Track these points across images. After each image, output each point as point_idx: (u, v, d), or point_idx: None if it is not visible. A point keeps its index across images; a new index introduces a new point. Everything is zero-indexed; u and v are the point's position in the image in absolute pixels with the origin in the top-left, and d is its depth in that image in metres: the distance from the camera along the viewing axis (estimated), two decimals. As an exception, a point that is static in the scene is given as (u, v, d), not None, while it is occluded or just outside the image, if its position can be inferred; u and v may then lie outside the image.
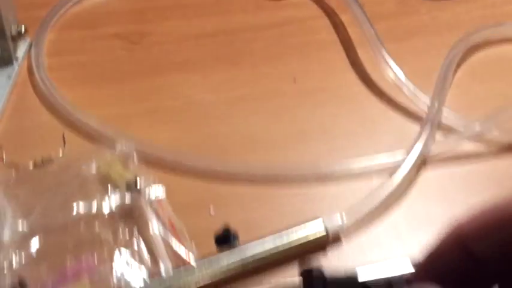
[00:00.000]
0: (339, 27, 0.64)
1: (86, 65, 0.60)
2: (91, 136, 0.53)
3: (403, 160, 0.51)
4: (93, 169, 0.48)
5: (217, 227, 0.45)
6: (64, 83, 0.58)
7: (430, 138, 0.52)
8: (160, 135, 0.54)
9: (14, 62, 0.58)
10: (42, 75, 0.58)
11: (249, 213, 0.48)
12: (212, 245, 0.44)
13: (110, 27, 0.63)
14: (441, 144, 0.53)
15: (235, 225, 0.45)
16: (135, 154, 0.49)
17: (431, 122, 0.53)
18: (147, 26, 0.64)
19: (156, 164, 0.51)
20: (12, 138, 0.54)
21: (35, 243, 0.44)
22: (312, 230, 0.44)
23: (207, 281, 0.42)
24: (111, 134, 0.52)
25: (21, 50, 0.60)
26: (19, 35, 0.59)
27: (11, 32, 0.58)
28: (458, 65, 0.59)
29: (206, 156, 0.52)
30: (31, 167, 0.50)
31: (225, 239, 0.44)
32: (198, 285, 0.41)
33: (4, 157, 0.52)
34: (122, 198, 0.46)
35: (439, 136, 0.54)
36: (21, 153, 0.52)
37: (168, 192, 0.48)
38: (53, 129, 0.54)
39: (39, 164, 0.50)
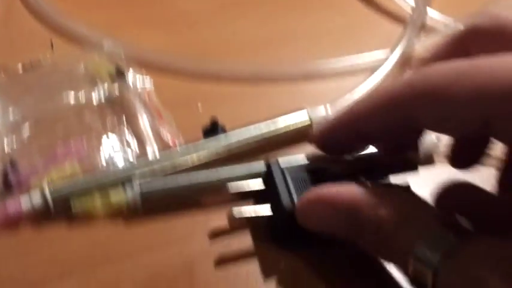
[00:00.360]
0: None
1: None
2: (79, 42, 0.54)
3: (387, 58, 0.52)
4: (82, 69, 0.48)
5: (204, 122, 0.46)
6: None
7: (413, 36, 0.53)
8: (148, 41, 0.55)
9: (-2, -31, 0.58)
10: (26, -18, 0.58)
11: (236, 110, 0.49)
12: (200, 139, 0.45)
13: None
14: (424, 42, 0.54)
15: (222, 121, 0.46)
16: (122, 54, 0.50)
17: (415, 22, 0.54)
18: None
19: (144, 65, 0.51)
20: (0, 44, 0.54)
21: (25, 130, 0.45)
22: (297, 119, 0.45)
23: (192, 164, 0.43)
24: (99, 39, 0.53)
25: (5, -43, 0.59)
26: None
27: None
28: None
29: (194, 58, 0.52)
30: (20, 70, 0.50)
31: (213, 131, 0.45)
32: (183, 167, 0.43)
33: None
34: (110, 89, 0.47)
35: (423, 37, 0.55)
36: (9, 58, 0.52)
37: (156, 92, 0.49)
38: (41, 36, 0.55)
39: (28, 67, 0.50)
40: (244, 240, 0.39)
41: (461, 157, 0.38)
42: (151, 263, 0.37)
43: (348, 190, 0.33)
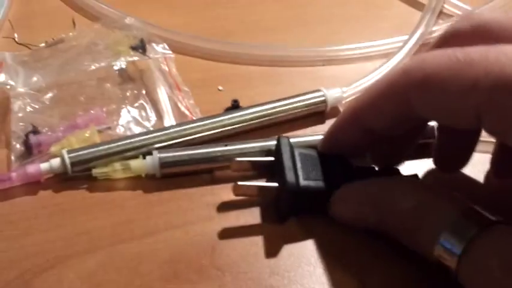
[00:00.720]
0: None
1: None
2: (99, 19, 0.55)
3: (405, 44, 0.52)
4: (104, 43, 0.49)
5: (224, 102, 0.47)
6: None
7: (431, 23, 0.54)
8: (166, 18, 0.56)
9: None
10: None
11: (255, 90, 0.49)
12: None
13: None
14: (442, 28, 0.54)
15: (242, 100, 0.47)
16: (143, 31, 0.51)
17: (433, 8, 0.54)
18: None
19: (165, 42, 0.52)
20: (22, 22, 0.55)
21: (48, 97, 0.46)
22: (312, 98, 0.46)
23: (208, 133, 0.44)
24: (120, 17, 0.54)
25: None
26: None
27: None
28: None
29: (213, 39, 0.53)
30: (43, 46, 0.51)
31: (234, 109, 0.46)
32: (200, 140, 0.44)
33: (16, 37, 0.53)
34: (131, 62, 0.48)
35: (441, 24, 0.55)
36: (32, 36, 0.53)
37: (177, 70, 0.50)
38: (63, 13, 0.56)
39: (51, 43, 0.51)
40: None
41: (448, 160, 0.39)
42: (173, 242, 0.38)
43: (372, 184, 0.35)
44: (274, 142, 0.42)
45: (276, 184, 0.38)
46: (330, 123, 0.47)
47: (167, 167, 0.41)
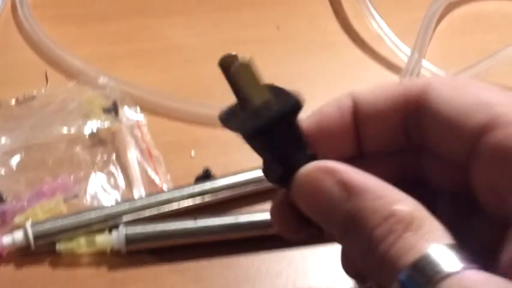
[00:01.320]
0: (324, -25, 0.64)
1: (70, 2, 0.60)
2: (73, 75, 0.54)
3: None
4: (75, 103, 0.49)
5: (196, 167, 0.46)
6: (47, 21, 0.58)
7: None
8: (143, 77, 0.55)
9: (-3, -2, 0.58)
10: (25, 11, 0.58)
11: (229, 156, 0.48)
12: (188, 183, 0.45)
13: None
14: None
15: (214, 167, 0.46)
16: (117, 91, 0.50)
17: (410, 73, 0.54)
18: (132, -33, 0.63)
19: (138, 104, 0.51)
20: (-6, 74, 0.54)
21: (15, 162, 0.45)
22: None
23: (178, 205, 0.43)
24: (93, 73, 0.53)
25: (5, -14, 0.59)
26: (3, -29, 0.58)
27: (-6, -33, 0.57)
28: (440, 19, 0.60)
29: (188, 99, 0.52)
30: (13, 104, 0.50)
31: (205, 179, 0.45)
32: (170, 212, 0.43)
33: (-14, 92, 0.52)
34: (102, 125, 0.48)
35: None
36: (3, 89, 0.52)
37: (149, 132, 0.49)
38: (36, 67, 0.55)
39: (22, 101, 0.50)
40: None
41: None
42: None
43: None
44: (246, 217, 0.41)
45: None
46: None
47: (133, 242, 0.41)
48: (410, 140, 0.29)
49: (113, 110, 0.48)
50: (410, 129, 0.28)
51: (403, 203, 0.24)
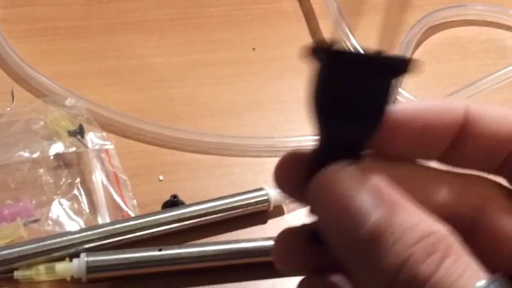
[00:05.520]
0: (302, -3, 0.64)
1: (40, 18, 0.60)
2: (41, 92, 0.53)
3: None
4: (41, 123, 0.48)
5: (164, 192, 0.46)
6: (16, 36, 0.58)
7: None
8: (112, 95, 0.54)
9: (-35, 10, 0.58)
10: (-6, 26, 0.57)
11: (198, 181, 0.48)
12: (157, 208, 0.45)
13: (68, -19, 0.63)
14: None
15: (182, 193, 0.46)
16: (84, 113, 0.49)
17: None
18: (106, -18, 0.63)
19: (106, 125, 0.51)
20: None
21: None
22: (255, 197, 0.45)
23: (143, 233, 0.43)
24: (61, 92, 0.52)
25: (-27, -2, 0.59)
26: (-29, -17, 0.58)
27: (-37, -21, 0.57)
28: (417, 45, 0.60)
29: (157, 121, 0.52)
30: (-23, 121, 0.49)
31: (172, 205, 0.44)
32: (134, 239, 0.42)
33: (-50, 108, 0.51)
34: (68, 148, 0.47)
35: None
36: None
37: (117, 155, 0.48)
38: (3, 83, 0.54)
39: (-13, 118, 0.49)
40: None
41: None
42: None
43: None
44: (211, 247, 0.41)
45: None
46: (272, 223, 0.47)
47: (95, 271, 0.40)
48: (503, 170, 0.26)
49: (78, 133, 0.47)
50: None
51: (441, 225, 0.22)
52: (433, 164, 0.27)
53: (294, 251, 0.25)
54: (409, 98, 0.55)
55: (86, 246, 0.41)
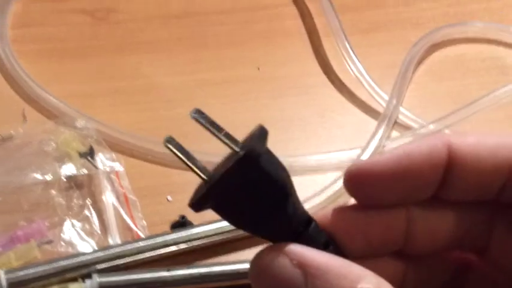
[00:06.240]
0: (305, 15, 0.66)
1: (50, 39, 0.62)
2: (51, 113, 0.55)
3: (358, 157, 0.53)
4: (52, 145, 0.50)
5: (172, 212, 0.47)
6: (27, 56, 0.59)
7: (385, 136, 0.55)
8: (121, 115, 0.56)
9: (-23, 32, 0.59)
10: (4, 47, 0.59)
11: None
12: (165, 229, 0.46)
13: (77, 2, 0.64)
14: (396, 141, 0.55)
15: (190, 213, 0.47)
16: (94, 134, 0.51)
17: (387, 120, 0.56)
18: (113, 3, 0.65)
19: (115, 145, 0.52)
20: (-29, 110, 0.55)
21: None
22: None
23: (152, 254, 0.44)
24: (71, 113, 0.54)
25: (-15, 20, 0.60)
26: (-17, 5, 0.59)
27: (-26, 2, 0.58)
28: (419, 63, 0.62)
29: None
30: (-10, 142, 0.51)
31: (180, 226, 0.46)
32: (145, 260, 0.44)
33: (-37, 130, 0.53)
34: (79, 169, 0.49)
35: (395, 134, 0.56)
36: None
37: (126, 175, 0.50)
38: (14, 104, 0.56)
39: (-1, 141, 0.51)
40: None
41: None
42: None
43: None
44: (218, 268, 0.42)
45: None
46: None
47: (107, 293, 0.42)
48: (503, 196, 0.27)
49: (89, 155, 0.48)
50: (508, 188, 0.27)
51: (368, 281, 0.24)
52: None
53: None
54: (410, 116, 0.57)
55: (98, 267, 0.43)
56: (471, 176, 0.26)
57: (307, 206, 0.47)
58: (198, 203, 0.24)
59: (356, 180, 0.26)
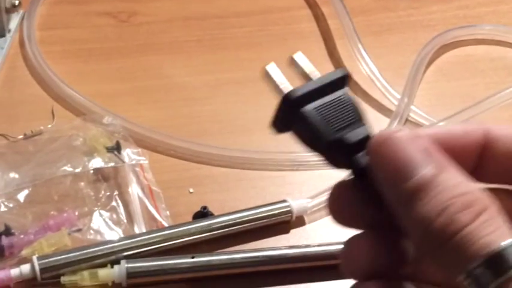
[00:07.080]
0: (319, 18, 0.68)
1: (75, 40, 0.64)
2: (78, 110, 0.58)
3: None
4: (80, 140, 0.52)
5: (195, 203, 0.50)
6: (54, 57, 0.62)
7: (397, 131, 0.57)
8: (144, 113, 0.58)
9: (7, 33, 0.62)
10: (33, 48, 0.62)
11: (226, 194, 0.52)
12: (188, 219, 0.49)
13: (100, 4, 0.67)
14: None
15: (211, 204, 0.50)
16: (121, 130, 0.53)
17: (399, 118, 0.58)
18: (135, 5, 0.68)
19: (139, 141, 0.55)
20: (1, 109, 0.57)
21: (22, 197, 0.49)
22: (278, 209, 0.49)
23: (177, 241, 0.47)
24: (98, 111, 0.56)
25: (14, 22, 0.63)
26: (13, 8, 0.62)
27: (5, 4, 0.61)
28: (429, 63, 0.64)
29: (186, 137, 0.56)
30: (21, 138, 0.53)
31: (202, 216, 0.48)
32: (168, 244, 0.47)
33: (-6, 126, 0.56)
34: (106, 162, 0.51)
35: (405, 130, 0.59)
36: (11, 124, 0.56)
37: (150, 169, 0.52)
38: (43, 102, 0.59)
39: (29, 136, 0.54)
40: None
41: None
42: None
43: None
44: (239, 255, 0.45)
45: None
46: (294, 232, 0.50)
47: (134, 277, 0.44)
48: None
49: (116, 149, 0.51)
50: None
51: (481, 190, 0.24)
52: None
53: (347, 207, 0.28)
54: (421, 114, 0.59)
55: (125, 253, 0.45)
56: (505, 160, 0.28)
57: (316, 202, 0.50)
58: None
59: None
